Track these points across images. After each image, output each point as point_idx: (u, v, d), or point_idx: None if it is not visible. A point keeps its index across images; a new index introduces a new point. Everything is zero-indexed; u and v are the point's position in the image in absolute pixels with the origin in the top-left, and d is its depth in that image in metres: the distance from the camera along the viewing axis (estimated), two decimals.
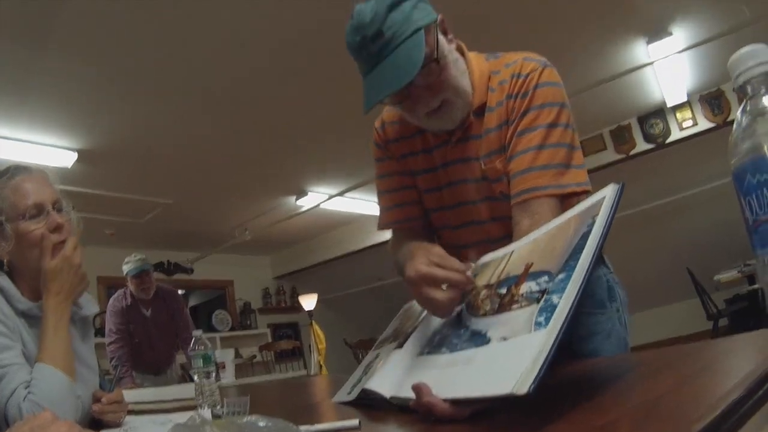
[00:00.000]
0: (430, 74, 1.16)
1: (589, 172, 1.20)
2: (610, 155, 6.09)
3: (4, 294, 1.27)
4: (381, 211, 1.48)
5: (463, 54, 1.29)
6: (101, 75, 3.48)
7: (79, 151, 4.40)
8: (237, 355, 7.93)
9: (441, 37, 1.18)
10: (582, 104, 4.80)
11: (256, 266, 9.14)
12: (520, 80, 1.22)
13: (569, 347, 1.26)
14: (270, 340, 8.51)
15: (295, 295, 9.10)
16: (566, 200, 1.16)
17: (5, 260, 1.31)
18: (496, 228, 1.30)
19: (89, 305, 1.50)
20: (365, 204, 6.86)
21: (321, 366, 6.57)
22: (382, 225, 1.47)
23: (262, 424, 0.67)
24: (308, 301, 7.49)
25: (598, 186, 0.82)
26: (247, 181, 5.86)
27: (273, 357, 7.28)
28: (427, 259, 0.95)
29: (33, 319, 1.30)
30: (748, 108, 0.64)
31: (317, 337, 6.79)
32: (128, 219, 6.12)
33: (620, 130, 6.06)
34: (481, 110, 1.27)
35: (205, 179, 5.57)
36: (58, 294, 1.28)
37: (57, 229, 1.31)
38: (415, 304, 1.24)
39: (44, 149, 4.21)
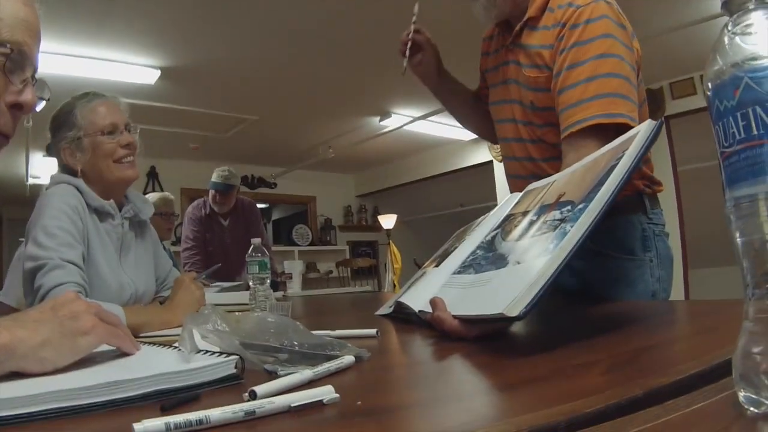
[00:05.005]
0: None
1: (678, 116, 1.14)
2: (700, 100, 5.67)
3: (82, 193, 1.46)
4: None
5: None
6: None
7: (162, 69, 4.53)
8: (314, 269, 8.24)
9: None
10: (669, 46, 4.42)
11: (339, 184, 9.31)
12: (571, 9, 1.19)
13: (591, 291, 1.26)
14: (348, 256, 8.74)
15: (376, 215, 9.22)
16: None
17: (79, 169, 1.50)
18: (526, 131, 1.36)
19: (146, 208, 1.66)
20: (450, 129, 6.70)
21: (395, 285, 6.73)
22: None
23: (270, 319, 0.71)
24: (387, 221, 7.59)
25: (686, 135, 0.78)
26: (332, 100, 5.88)
27: (349, 273, 7.50)
28: None
29: (103, 215, 1.51)
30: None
31: (394, 256, 6.92)
32: (213, 134, 6.33)
33: None
34: (534, 24, 1.29)
35: (291, 97, 5.63)
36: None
37: (128, 145, 1.52)
38: (469, 227, 1.25)
39: (126, 67, 4.37)
